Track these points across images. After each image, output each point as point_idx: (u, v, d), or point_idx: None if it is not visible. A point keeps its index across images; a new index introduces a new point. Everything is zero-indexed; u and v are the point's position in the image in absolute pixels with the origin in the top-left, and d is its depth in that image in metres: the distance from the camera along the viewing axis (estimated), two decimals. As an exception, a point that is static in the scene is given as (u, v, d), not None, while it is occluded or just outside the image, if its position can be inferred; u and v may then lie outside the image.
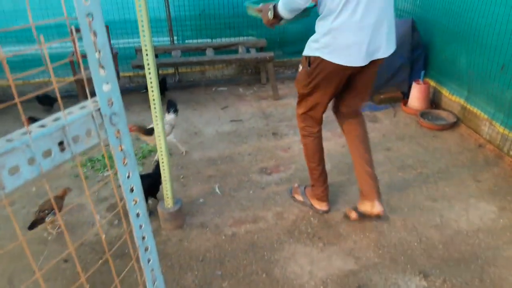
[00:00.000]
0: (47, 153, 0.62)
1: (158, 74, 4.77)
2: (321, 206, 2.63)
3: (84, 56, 0.64)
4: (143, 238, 0.85)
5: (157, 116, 2.20)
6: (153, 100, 2.15)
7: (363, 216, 2.51)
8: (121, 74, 4.76)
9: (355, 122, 2.45)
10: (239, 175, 3.11)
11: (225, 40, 5.01)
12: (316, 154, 2.49)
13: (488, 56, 3.21)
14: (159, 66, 4.62)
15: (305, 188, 2.74)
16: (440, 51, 4.00)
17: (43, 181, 0.62)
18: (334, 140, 3.47)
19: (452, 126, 3.68)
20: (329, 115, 2.48)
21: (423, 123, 3.73)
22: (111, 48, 4.45)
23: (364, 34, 2.00)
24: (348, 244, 2.38)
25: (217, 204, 2.78)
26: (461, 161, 3.16)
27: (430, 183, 2.90)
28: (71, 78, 3.98)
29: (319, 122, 2.43)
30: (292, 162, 3.25)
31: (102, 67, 0.64)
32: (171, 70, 5.13)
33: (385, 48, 2.10)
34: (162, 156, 2.33)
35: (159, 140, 2.28)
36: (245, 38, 5.07)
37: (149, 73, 2.08)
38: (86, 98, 0.68)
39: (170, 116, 3.33)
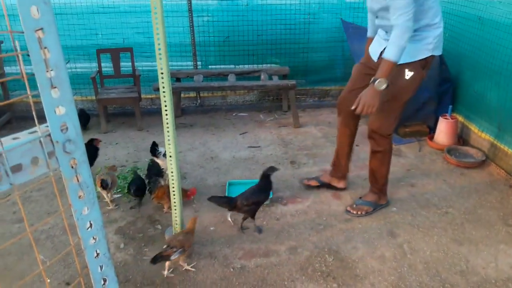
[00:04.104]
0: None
1: (177, 99, 4.77)
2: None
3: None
4: (104, 281, 0.74)
5: (170, 138, 2.14)
6: (167, 122, 2.10)
7: (322, 185, 3.10)
8: (143, 96, 4.79)
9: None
10: (253, 204, 2.99)
11: (248, 67, 5.00)
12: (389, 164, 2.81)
13: (521, 93, 3.04)
14: (180, 90, 4.62)
15: (365, 200, 2.88)
16: (469, 85, 3.84)
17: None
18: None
19: (481, 164, 3.48)
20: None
21: (450, 160, 3.54)
22: (134, 70, 4.49)
23: None
24: (364, 286, 2.21)
25: (228, 234, 2.66)
26: (490, 202, 2.96)
27: (456, 225, 2.71)
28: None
29: None
30: (310, 193, 3.11)
31: (55, 87, 0.56)
32: (192, 94, 5.14)
33: None
34: (173, 181, 2.25)
35: (170, 163, 2.21)
36: (268, 65, 5.05)
37: (164, 96, 2.04)
38: (107, 118, 0.61)
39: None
